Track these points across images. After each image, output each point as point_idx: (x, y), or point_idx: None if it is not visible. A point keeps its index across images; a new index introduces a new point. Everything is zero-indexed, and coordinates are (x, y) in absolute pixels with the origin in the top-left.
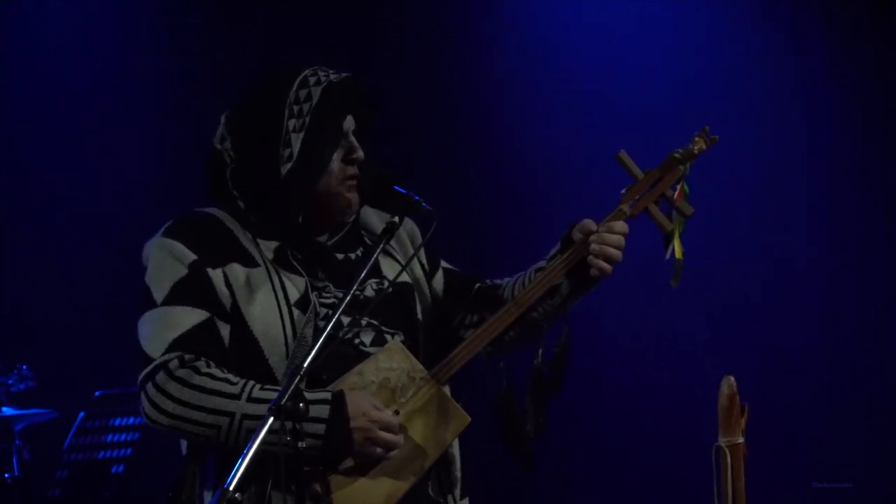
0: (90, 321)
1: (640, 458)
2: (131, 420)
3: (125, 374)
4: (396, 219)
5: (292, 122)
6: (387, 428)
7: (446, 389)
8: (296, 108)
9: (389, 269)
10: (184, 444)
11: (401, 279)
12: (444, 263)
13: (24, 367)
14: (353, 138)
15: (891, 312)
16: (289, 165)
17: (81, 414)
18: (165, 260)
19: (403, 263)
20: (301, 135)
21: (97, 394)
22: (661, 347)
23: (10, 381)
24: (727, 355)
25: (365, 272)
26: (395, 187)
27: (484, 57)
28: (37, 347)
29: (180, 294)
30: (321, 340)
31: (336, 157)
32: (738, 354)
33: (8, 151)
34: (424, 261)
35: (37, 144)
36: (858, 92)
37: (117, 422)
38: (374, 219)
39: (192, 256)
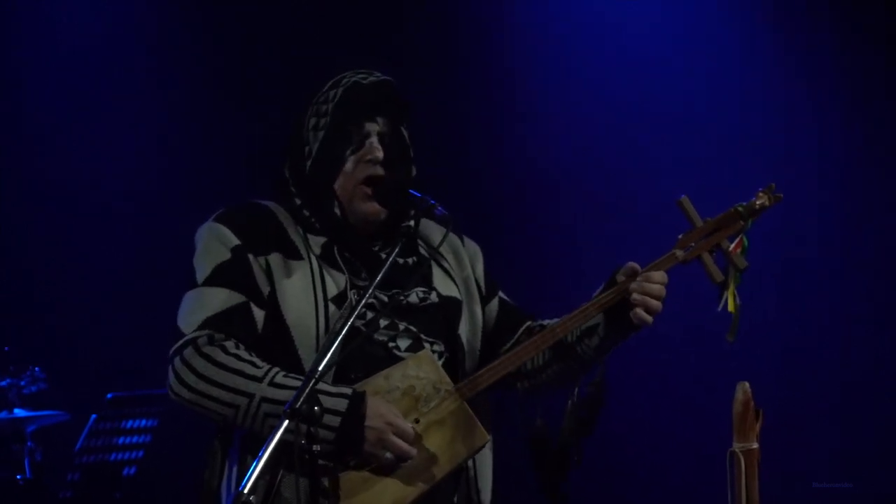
0: (102, 323)
1: (656, 464)
2: (143, 422)
3: (137, 377)
4: (412, 223)
5: (313, 121)
6: (401, 435)
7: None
8: (323, 107)
9: (441, 281)
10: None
11: (451, 294)
12: (502, 294)
13: (37, 368)
14: (374, 139)
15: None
16: (308, 163)
17: (93, 416)
18: (211, 243)
19: (456, 280)
20: (321, 133)
21: (109, 396)
22: (676, 354)
23: (23, 383)
24: (736, 360)
25: (381, 274)
26: (410, 191)
27: (528, 73)
28: (49, 349)
29: (220, 276)
30: (338, 340)
31: (352, 157)
32: (745, 359)
33: (23, 154)
34: (482, 283)
35: (50, 147)
36: (870, 94)
37: (129, 424)
38: (434, 231)
39: (236, 241)
